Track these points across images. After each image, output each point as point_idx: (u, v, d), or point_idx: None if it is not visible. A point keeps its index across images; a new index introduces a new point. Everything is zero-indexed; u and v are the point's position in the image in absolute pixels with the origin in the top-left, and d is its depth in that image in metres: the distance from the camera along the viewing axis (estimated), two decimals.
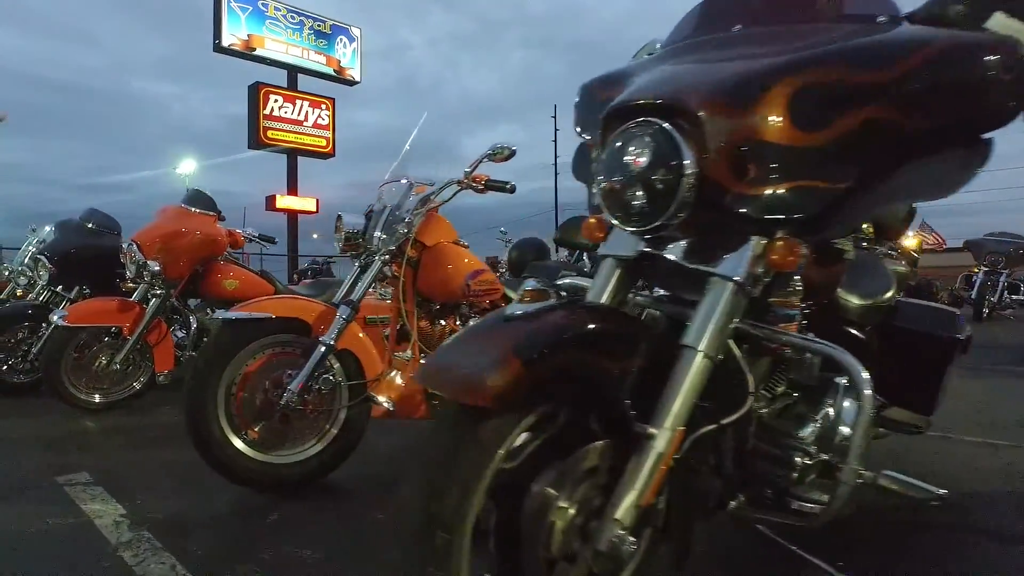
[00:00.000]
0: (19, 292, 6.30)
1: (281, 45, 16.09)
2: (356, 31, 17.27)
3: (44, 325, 4.48)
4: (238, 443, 2.26)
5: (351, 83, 17.30)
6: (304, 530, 2.03)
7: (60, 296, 4.60)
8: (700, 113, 1.11)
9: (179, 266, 3.73)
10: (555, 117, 34.82)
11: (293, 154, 16.17)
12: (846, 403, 1.37)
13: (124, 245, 3.82)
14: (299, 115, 16.24)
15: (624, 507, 1.05)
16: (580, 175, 1.51)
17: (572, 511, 1.07)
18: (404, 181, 2.53)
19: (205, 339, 3.95)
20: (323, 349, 2.28)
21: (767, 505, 1.34)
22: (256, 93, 15.61)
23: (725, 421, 1.17)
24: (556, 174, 35.04)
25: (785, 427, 1.41)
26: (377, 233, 2.44)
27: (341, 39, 17.08)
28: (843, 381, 1.38)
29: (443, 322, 2.73)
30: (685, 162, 1.10)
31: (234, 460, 2.24)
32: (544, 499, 1.06)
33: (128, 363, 3.77)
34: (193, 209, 3.82)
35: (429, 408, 2.62)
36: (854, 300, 1.73)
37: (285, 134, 16.08)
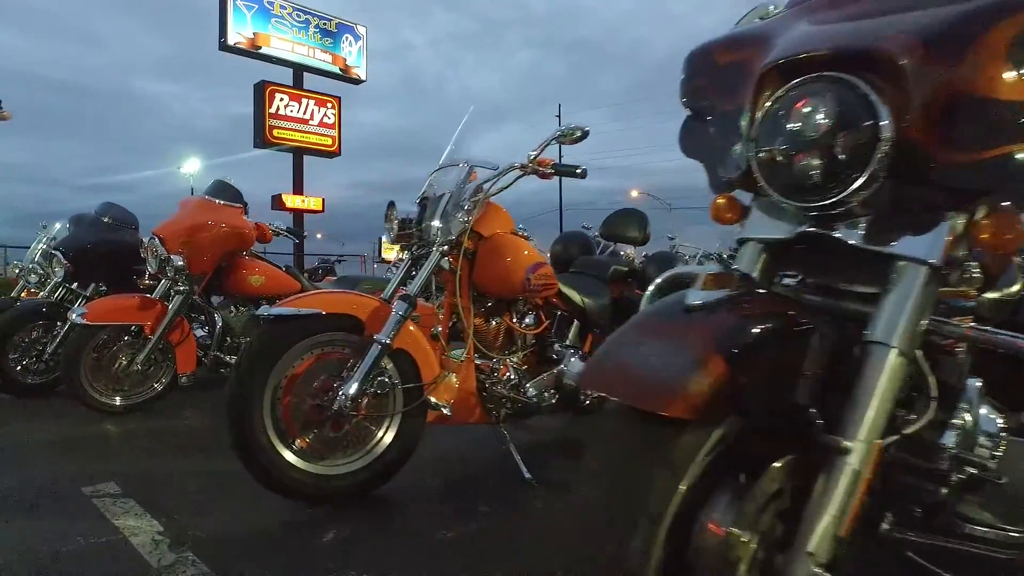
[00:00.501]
0: (29, 291, 6.11)
1: (287, 43, 15.86)
2: (362, 29, 17.03)
3: (59, 324, 4.26)
4: (287, 454, 2.03)
5: (357, 82, 17.05)
6: (367, 551, 1.80)
7: (75, 294, 4.37)
8: (903, 62, 0.88)
9: (204, 261, 3.50)
10: (559, 116, 34.59)
11: (299, 153, 15.93)
12: (983, 409, 1.13)
13: (145, 239, 3.59)
14: (305, 114, 16.02)
15: (818, 537, 0.85)
16: (692, 151, 1.26)
17: (754, 544, 0.88)
18: (462, 165, 2.30)
19: (229, 338, 3.72)
20: (379, 348, 2.05)
21: (919, 525, 1.10)
22: (262, 92, 15.37)
23: (908, 431, 0.96)
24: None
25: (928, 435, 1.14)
26: (435, 223, 2.21)
27: (347, 37, 16.83)
28: (978, 383, 1.15)
29: (497, 319, 2.51)
30: (882, 123, 0.88)
31: (283, 472, 2.02)
32: (721, 530, 0.87)
33: (149, 363, 3.54)
34: (218, 201, 3.59)
35: (484, 412, 2.41)
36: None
37: (291, 133, 15.85)
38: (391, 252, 26.54)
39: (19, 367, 4.16)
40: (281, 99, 15.63)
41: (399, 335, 2.10)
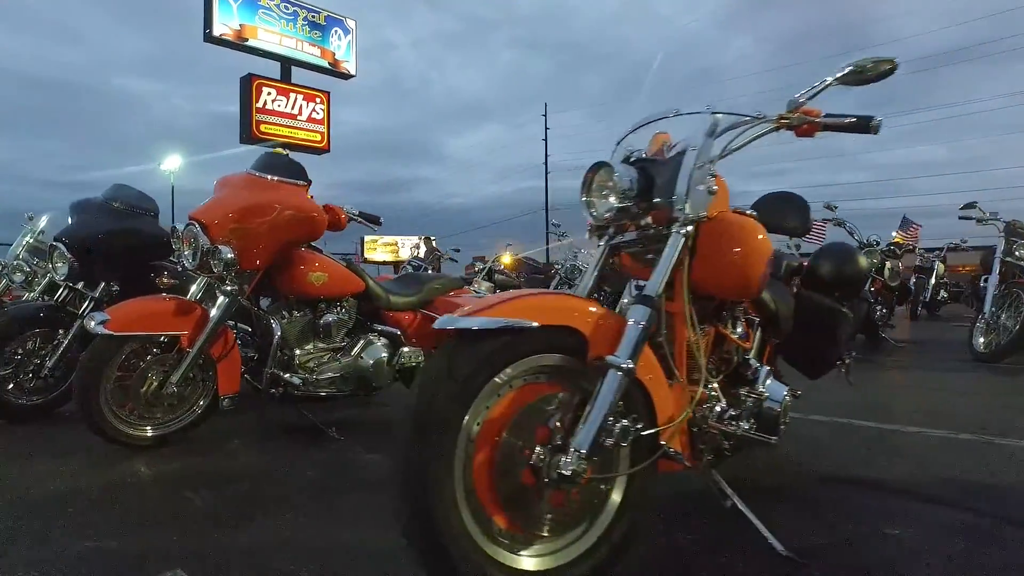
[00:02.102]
0: (11, 292, 5.14)
1: (274, 36, 14.89)
2: (351, 23, 16.13)
3: (60, 332, 3.39)
4: (506, 553, 1.27)
5: (346, 76, 16.11)
6: None
7: (81, 295, 3.50)
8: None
9: (258, 253, 2.69)
10: (545, 116, 33.84)
11: (287, 149, 14.92)
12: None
13: (179, 227, 2.75)
14: (293, 109, 15.09)
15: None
16: None
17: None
18: (708, 114, 1.55)
19: (284, 351, 2.91)
20: (620, 377, 1.31)
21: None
22: (248, 86, 14.38)
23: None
24: (547, 172, 33.96)
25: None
26: (681, 188, 1.47)
27: (336, 31, 15.91)
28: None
29: (705, 329, 1.78)
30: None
31: (484, 570, 1.25)
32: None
33: (186, 383, 2.71)
34: (271, 177, 2.77)
35: (693, 455, 1.68)
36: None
37: (279, 128, 14.89)
38: (373, 252, 25.49)
39: (11, 385, 3.28)
40: (268, 93, 14.68)
41: (639, 357, 1.35)
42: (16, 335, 3.24)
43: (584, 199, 1.63)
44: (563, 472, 1.25)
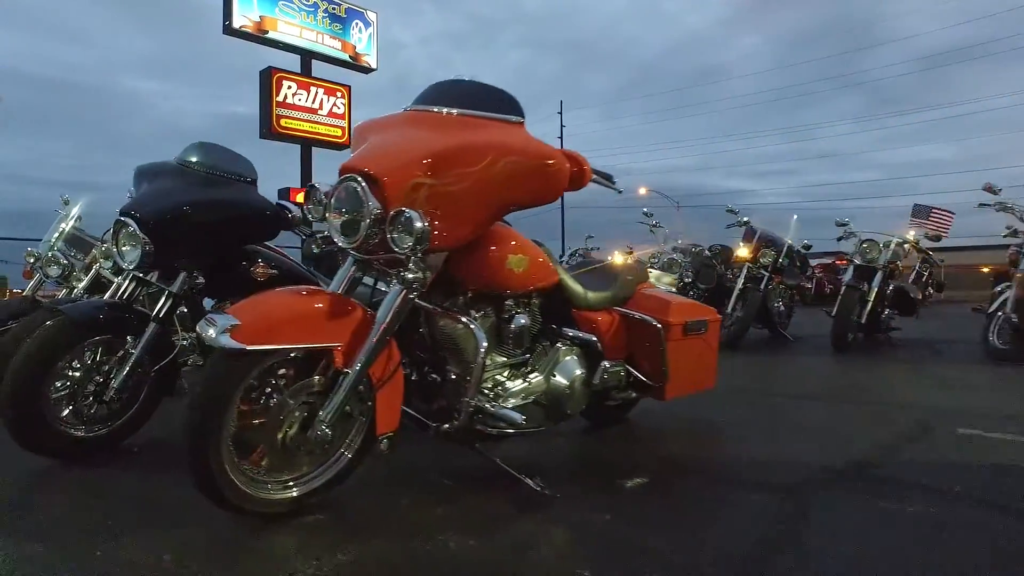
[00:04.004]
0: (41, 289, 4.13)
1: (295, 28, 13.90)
2: (372, 16, 15.11)
3: (129, 339, 2.42)
4: None
5: (367, 70, 15.09)
6: None
7: (155, 289, 2.54)
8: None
9: (461, 221, 1.73)
10: (561, 113, 32.97)
11: (307, 144, 13.96)
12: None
13: (318, 185, 1.80)
14: (314, 103, 14.10)
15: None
16: None
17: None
18: None
19: (456, 368, 1.94)
20: None
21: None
22: (269, 79, 13.38)
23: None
24: None
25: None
26: None
27: (356, 23, 14.91)
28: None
29: None
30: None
31: None
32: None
33: (342, 420, 1.75)
34: (470, 112, 1.79)
35: None
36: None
37: (299, 123, 13.91)
38: None
39: (66, 411, 2.31)
40: (289, 87, 13.70)
41: None
42: (74, 344, 2.26)
43: None
44: None
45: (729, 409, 3.15)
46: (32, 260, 3.92)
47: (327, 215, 1.76)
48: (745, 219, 6.14)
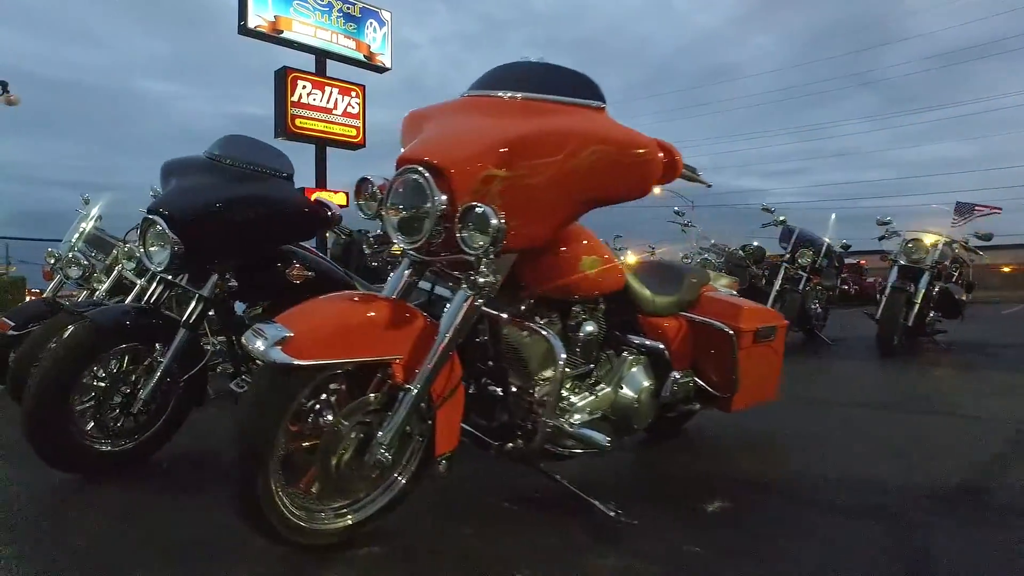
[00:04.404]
0: (57, 290, 3.95)
1: (309, 28, 13.75)
2: (386, 15, 14.93)
3: (158, 347, 2.24)
4: None
5: (381, 69, 14.90)
6: None
7: (180, 292, 2.35)
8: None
9: (538, 219, 1.53)
10: None
11: (322, 144, 13.81)
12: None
13: (372, 178, 1.60)
14: (328, 103, 13.95)
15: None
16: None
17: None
18: None
19: (520, 381, 1.75)
20: None
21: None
22: (284, 79, 13.25)
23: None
24: None
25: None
26: None
27: (371, 23, 14.75)
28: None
29: None
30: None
31: None
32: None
33: (402, 442, 1.55)
34: (510, 95, 1.57)
35: None
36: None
37: (314, 123, 13.77)
38: None
39: (91, 424, 2.13)
40: (304, 87, 13.55)
41: None
42: (100, 352, 2.08)
43: None
44: None
45: (791, 420, 2.93)
46: (52, 261, 3.75)
47: (383, 211, 1.55)
48: (781, 218, 5.89)
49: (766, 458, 2.43)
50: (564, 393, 1.84)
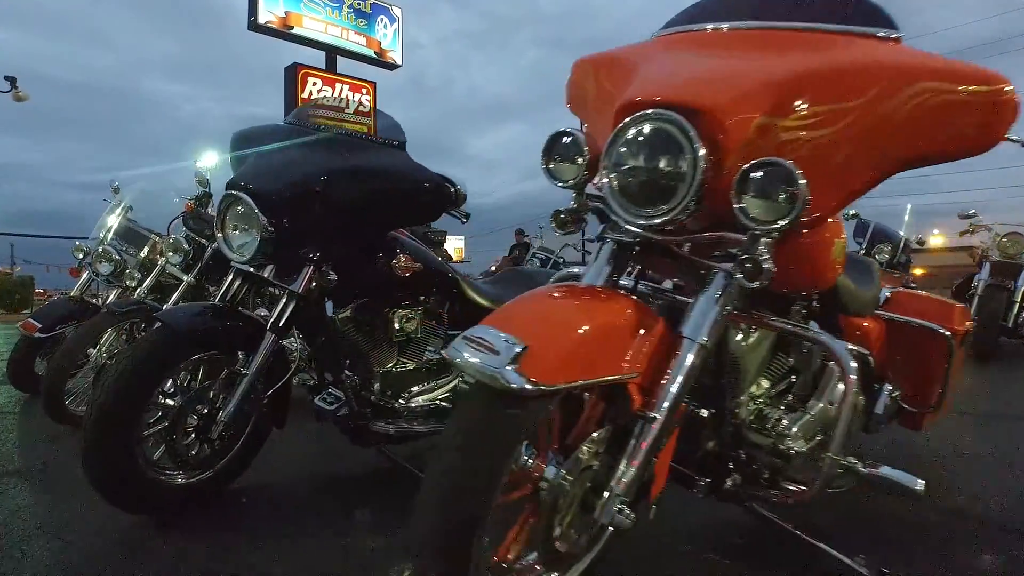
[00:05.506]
0: (87, 289, 3.47)
1: (320, 24, 13.31)
2: (397, 11, 14.52)
3: (241, 356, 1.79)
4: None
5: (392, 66, 14.47)
6: None
7: (264, 289, 1.90)
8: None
9: (844, 180, 1.08)
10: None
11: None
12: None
13: (578, 135, 1.16)
14: (339, 100, 13.43)
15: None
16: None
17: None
18: None
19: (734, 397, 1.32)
20: None
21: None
22: (294, 75, 12.78)
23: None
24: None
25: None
26: None
27: (381, 19, 14.32)
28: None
29: None
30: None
31: None
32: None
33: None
34: (827, 26, 1.15)
35: None
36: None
37: (325, 121, 13.17)
38: None
39: (159, 451, 1.68)
40: (314, 83, 13.10)
41: None
42: (174, 364, 1.63)
43: None
44: None
45: (968, 436, 2.51)
46: (81, 256, 3.29)
47: (602, 176, 1.12)
48: (852, 211, 5.47)
49: (989, 485, 1.99)
50: (769, 411, 1.42)
